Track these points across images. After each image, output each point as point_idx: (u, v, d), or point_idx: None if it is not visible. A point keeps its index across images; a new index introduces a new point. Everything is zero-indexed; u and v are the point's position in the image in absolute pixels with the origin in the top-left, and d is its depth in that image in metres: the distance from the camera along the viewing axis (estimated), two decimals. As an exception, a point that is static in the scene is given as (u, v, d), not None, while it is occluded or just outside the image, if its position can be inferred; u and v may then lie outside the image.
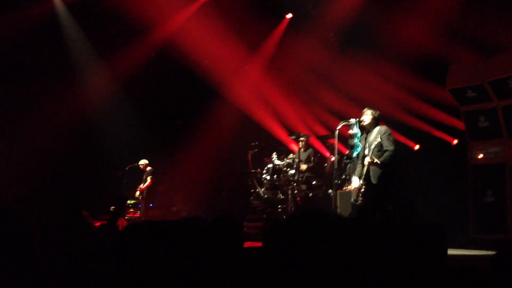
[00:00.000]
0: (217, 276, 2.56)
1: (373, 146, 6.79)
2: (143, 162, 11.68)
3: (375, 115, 7.07)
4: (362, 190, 6.83)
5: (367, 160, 6.77)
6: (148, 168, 11.60)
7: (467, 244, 8.04)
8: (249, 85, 13.18)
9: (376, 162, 6.67)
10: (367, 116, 7.11)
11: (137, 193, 11.42)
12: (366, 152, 6.95)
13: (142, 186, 11.48)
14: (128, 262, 2.45)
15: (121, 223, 9.05)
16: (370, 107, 7.17)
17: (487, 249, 7.32)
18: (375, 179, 6.75)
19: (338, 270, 2.43)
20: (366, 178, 6.79)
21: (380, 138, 6.79)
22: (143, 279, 2.18)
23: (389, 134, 6.90)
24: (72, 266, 2.80)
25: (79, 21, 11.86)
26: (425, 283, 3.34)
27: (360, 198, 6.85)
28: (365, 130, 7.17)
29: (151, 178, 11.49)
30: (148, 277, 2.14)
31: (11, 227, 2.54)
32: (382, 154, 6.75)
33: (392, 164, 6.84)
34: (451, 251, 6.01)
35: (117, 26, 11.45)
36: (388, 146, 6.77)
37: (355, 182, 7.04)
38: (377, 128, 7.00)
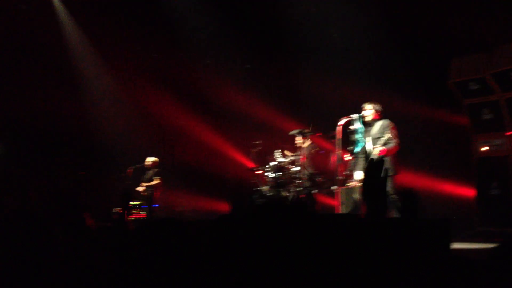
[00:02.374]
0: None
1: (376, 141, 6.77)
2: (151, 159, 11.47)
3: (377, 108, 7.05)
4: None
5: (376, 151, 6.72)
6: (157, 169, 11.45)
7: (472, 237, 8.00)
8: (249, 81, 13.12)
9: (388, 150, 6.64)
10: (369, 111, 7.10)
11: (141, 188, 11.25)
12: (369, 146, 6.93)
13: (145, 183, 11.28)
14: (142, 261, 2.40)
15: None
16: (371, 101, 7.15)
17: (493, 242, 7.27)
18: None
19: (338, 267, 2.38)
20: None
21: (383, 132, 6.78)
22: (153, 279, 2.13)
23: (393, 127, 6.90)
24: (71, 267, 2.77)
25: (78, 20, 11.89)
26: (428, 277, 3.28)
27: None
28: (368, 124, 7.15)
29: (160, 179, 11.31)
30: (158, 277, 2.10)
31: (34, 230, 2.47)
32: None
33: (397, 157, 6.83)
34: (456, 245, 5.98)
35: (118, 24, 11.46)
36: (391, 140, 6.76)
37: (358, 176, 7.03)
38: (379, 122, 6.99)
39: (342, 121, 7.50)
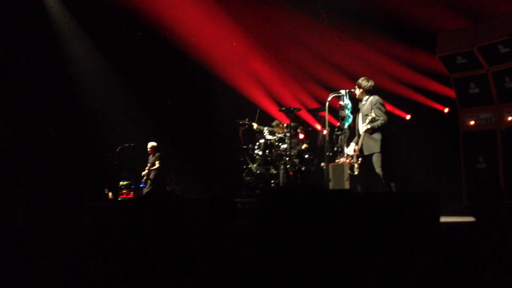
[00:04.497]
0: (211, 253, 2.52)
1: (367, 118, 6.79)
2: (150, 144, 11.54)
3: (364, 85, 7.06)
4: (359, 161, 6.91)
5: (363, 129, 6.77)
6: (157, 153, 11.50)
7: (460, 211, 8.08)
8: (238, 60, 13.06)
9: (372, 128, 6.69)
10: (357, 88, 7.13)
11: (145, 172, 11.34)
12: (360, 122, 6.98)
13: (150, 168, 11.37)
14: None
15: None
16: (364, 78, 7.15)
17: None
18: (367, 150, 6.82)
19: (330, 243, 2.36)
20: (360, 150, 6.86)
21: (372, 109, 6.81)
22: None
23: (381, 104, 6.92)
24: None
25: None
26: (418, 250, 3.32)
27: (357, 169, 6.93)
28: (360, 101, 7.18)
29: (159, 162, 11.40)
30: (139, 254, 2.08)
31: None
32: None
33: (386, 134, 6.86)
34: (444, 218, 6.03)
35: (104, 4, 11.28)
36: (379, 116, 6.77)
37: (351, 147, 7.08)
38: (370, 99, 7.01)
39: (330, 97, 7.49)
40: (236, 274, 2.10)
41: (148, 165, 11.39)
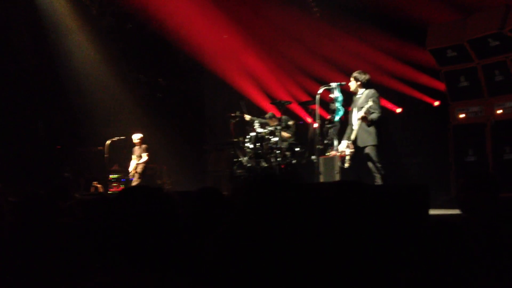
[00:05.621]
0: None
1: (362, 110, 6.82)
2: (138, 136, 11.39)
3: (359, 78, 7.08)
4: (349, 153, 6.92)
5: (358, 115, 6.79)
6: (144, 145, 11.38)
7: (449, 203, 8.12)
8: (229, 54, 13.01)
9: (366, 117, 6.71)
10: (352, 82, 7.16)
11: (131, 167, 11.20)
12: (355, 115, 7.00)
13: (138, 161, 11.22)
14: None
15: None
16: (360, 71, 7.17)
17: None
18: (361, 143, 6.85)
19: (316, 234, 2.37)
20: (353, 142, 6.90)
21: (368, 102, 6.84)
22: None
23: (377, 98, 6.96)
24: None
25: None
26: (407, 242, 3.31)
27: (348, 161, 6.95)
28: (354, 94, 7.21)
29: (147, 154, 11.27)
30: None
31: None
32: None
33: (381, 127, 6.89)
34: (433, 211, 6.06)
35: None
36: (375, 109, 6.82)
37: (343, 144, 7.10)
38: (365, 92, 7.03)
39: (321, 90, 7.50)
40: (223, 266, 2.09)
41: (133, 157, 11.26)
